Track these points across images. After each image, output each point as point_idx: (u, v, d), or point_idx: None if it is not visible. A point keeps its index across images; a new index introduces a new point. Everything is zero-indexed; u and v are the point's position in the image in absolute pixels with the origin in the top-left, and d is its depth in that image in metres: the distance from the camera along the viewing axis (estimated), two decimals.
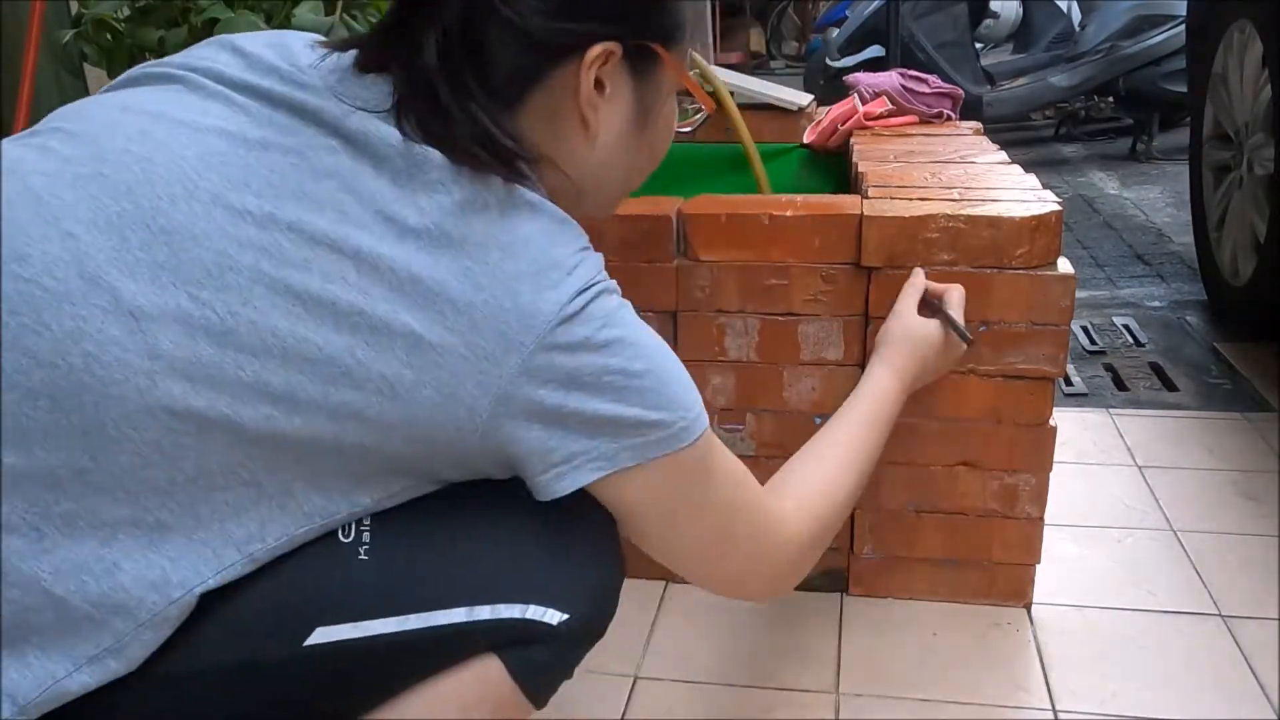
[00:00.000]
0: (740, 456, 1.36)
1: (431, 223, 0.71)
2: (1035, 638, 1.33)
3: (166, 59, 0.79)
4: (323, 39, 0.80)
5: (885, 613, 1.38)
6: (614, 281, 0.78)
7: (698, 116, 0.99)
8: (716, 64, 2.07)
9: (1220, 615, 1.36)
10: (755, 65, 7.52)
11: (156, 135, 0.71)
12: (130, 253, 0.66)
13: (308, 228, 0.69)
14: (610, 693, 1.24)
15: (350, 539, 0.75)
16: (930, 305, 1.19)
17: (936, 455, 1.33)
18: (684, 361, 1.33)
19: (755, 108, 1.89)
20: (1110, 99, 4.70)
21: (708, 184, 1.88)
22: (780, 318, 1.31)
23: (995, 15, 5.12)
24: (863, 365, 1.31)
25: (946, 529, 1.36)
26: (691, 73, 1.93)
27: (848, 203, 1.30)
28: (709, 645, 1.33)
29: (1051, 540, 1.38)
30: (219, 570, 0.70)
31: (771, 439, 1.36)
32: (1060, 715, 1.20)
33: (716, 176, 1.90)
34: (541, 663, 0.81)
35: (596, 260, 0.77)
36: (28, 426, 0.64)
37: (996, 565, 1.37)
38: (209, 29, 1.96)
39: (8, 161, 0.69)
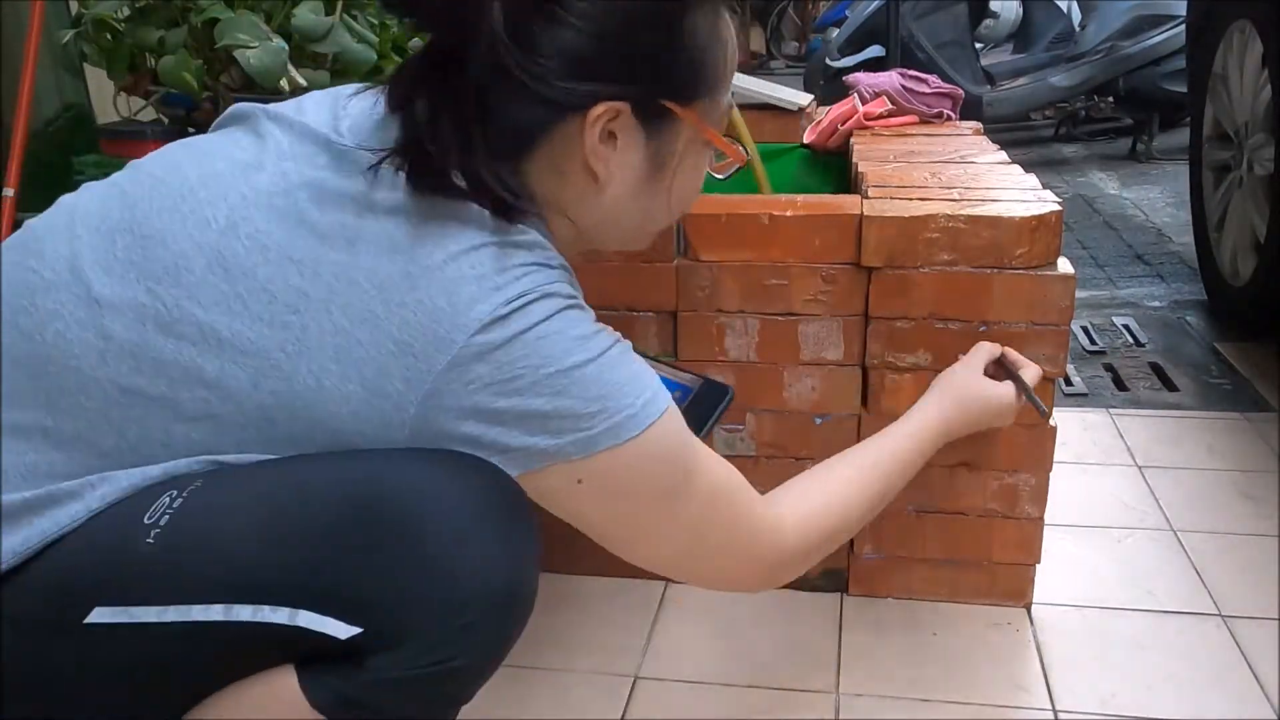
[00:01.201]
0: (740, 457, 1.37)
1: (381, 229, 0.75)
2: (1035, 638, 1.33)
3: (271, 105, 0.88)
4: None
5: (885, 613, 1.38)
6: (575, 296, 0.79)
7: (732, 165, 0.99)
8: None
9: (1220, 615, 1.36)
10: (755, 65, 7.52)
11: (179, 161, 0.82)
12: (113, 253, 0.77)
13: (263, 238, 0.75)
14: (610, 693, 1.24)
15: (151, 520, 0.72)
16: (1005, 369, 1.20)
17: (936, 455, 1.32)
18: (684, 361, 1.34)
19: (755, 108, 1.88)
20: (1110, 99, 4.70)
21: (708, 184, 1.88)
22: (780, 318, 1.31)
23: (995, 15, 5.12)
24: (863, 365, 1.31)
25: (946, 529, 1.36)
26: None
27: (848, 203, 1.30)
28: (709, 645, 1.33)
29: (1051, 540, 1.38)
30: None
31: (771, 439, 1.36)
32: (1060, 715, 1.20)
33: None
34: (343, 693, 0.72)
35: (556, 274, 0.78)
36: (11, 387, 0.76)
37: (996, 565, 1.37)
38: (209, 29, 1.95)
39: (86, 186, 0.85)
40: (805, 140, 1.84)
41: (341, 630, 0.70)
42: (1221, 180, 2.50)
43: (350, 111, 0.82)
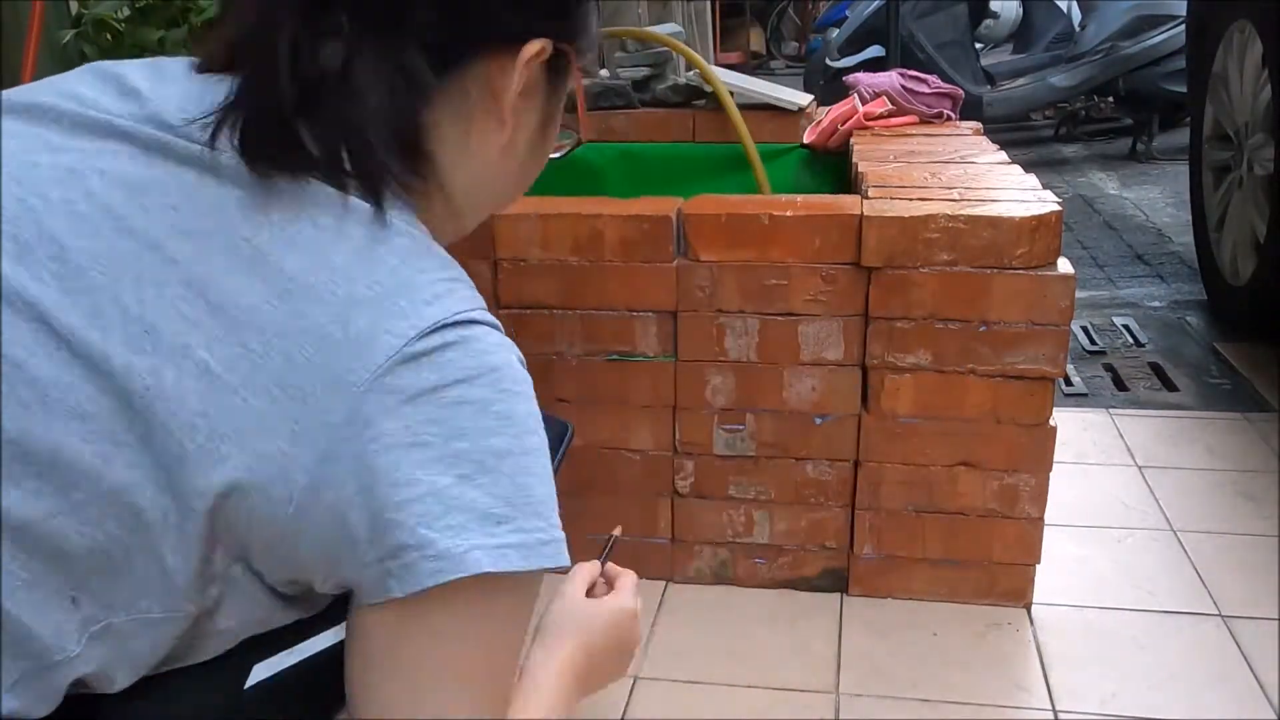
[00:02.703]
0: (740, 457, 1.37)
1: (230, 232, 0.58)
2: (1035, 638, 1.33)
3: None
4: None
5: (885, 613, 1.38)
6: (497, 323, 0.63)
7: (567, 143, 0.92)
8: (716, 64, 2.07)
9: (1220, 615, 1.36)
10: (755, 65, 7.52)
11: None
12: None
13: (75, 255, 0.57)
14: (610, 693, 1.24)
15: None
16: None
17: (936, 455, 1.33)
18: (684, 362, 1.34)
19: (755, 108, 1.89)
20: (1110, 99, 4.70)
21: (708, 184, 1.89)
22: (780, 318, 1.31)
23: (995, 15, 5.13)
24: (863, 365, 1.31)
25: (946, 529, 1.36)
26: (690, 73, 1.94)
27: (848, 203, 1.30)
28: (709, 645, 1.33)
29: (1051, 540, 1.38)
30: None
31: (771, 439, 1.36)
32: (1060, 715, 1.20)
33: (716, 176, 1.90)
34: None
35: (470, 295, 0.63)
36: None
37: (996, 565, 1.37)
38: (209, 29, 1.96)
39: None
40: (805, 140, 1.84)
41: None
42: (1221, 180, 2.50)
43: (143, 86, 0.64)
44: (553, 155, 0.82)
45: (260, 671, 0.68)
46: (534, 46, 0.67)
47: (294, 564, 0.61)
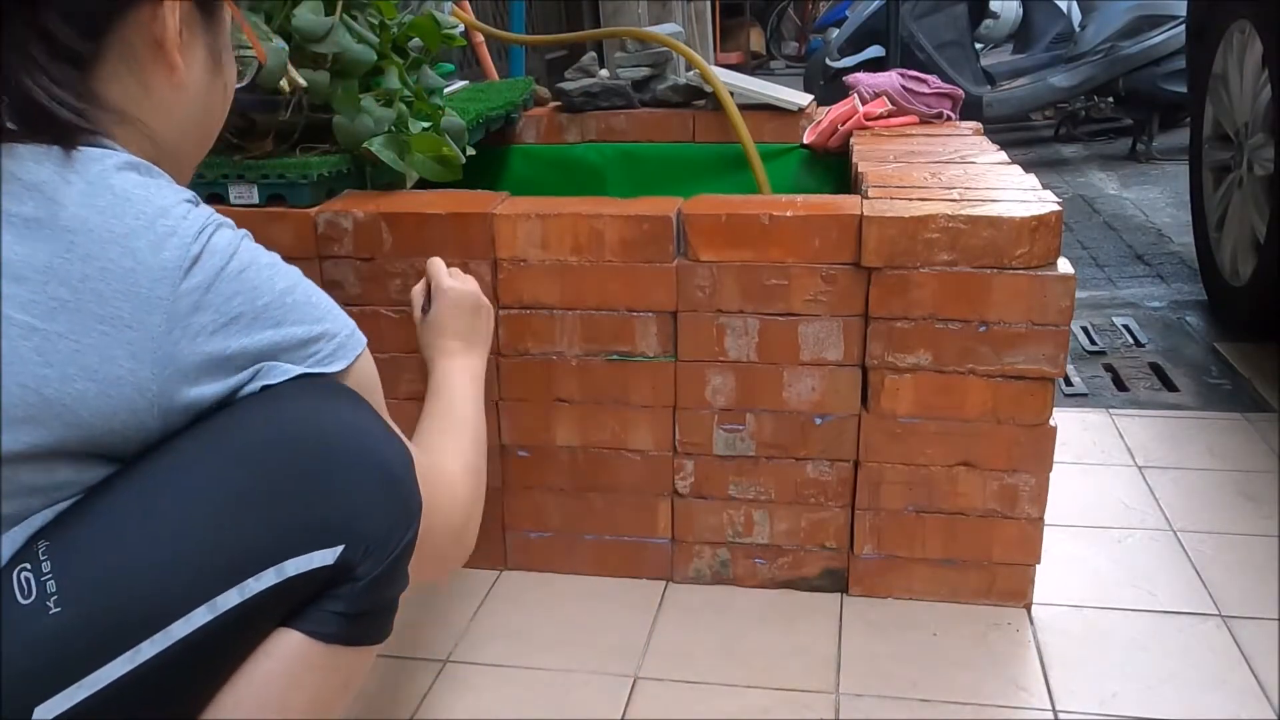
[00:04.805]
0: (740, 457, 1.37)
1: (10, 215, 0.67)
2: (1035, 638, 1.33)
3: None
4: None
5: (885, 613, 1.38)
6: (231, 220, 0.75)
7: (249, 71, 1.00)
8: (716, 64, 2.07)
9: (1220, 615, 1.36)
10: (755, 65, 7.52)
11: None
12: None
13: None
14: (610, 693, 1.24)
15: (33, 598, 0.65)
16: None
17: (936, 455, 1.33)
18: (684, 362, 1.34)
19: (755, 108, 1.89)
20: (1110, 99, 4.70)
21: (708, 184, 1.89)
22: (780, 318, 1.31)
23: (995, 15, 5.13)
24: (863, 365, 1.31)
25: (946, 529, 1.36)
26: (690, 73, 1.94)
27: (848, 203, 1.30)
28: (709, 645, 1.33)
29: (1051, 540, 1.38)
30: None
31: (771, 439, 1.36)
32: (1060, 715, 1.20)
33: (716, 176, 1.90)
34: (350, 609, 0.74)
35: (206, 207, 0.74)
36: None
37: (996, 565, 1.37)
38: None
39: None
40: (805, 140, 1.84)
41: (329, 556, 0.71)
42: (1221, 180, 2.50)
43: None
44: (239, 84, 0.92)
45: (43, 713, 0.64)
46: None
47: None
